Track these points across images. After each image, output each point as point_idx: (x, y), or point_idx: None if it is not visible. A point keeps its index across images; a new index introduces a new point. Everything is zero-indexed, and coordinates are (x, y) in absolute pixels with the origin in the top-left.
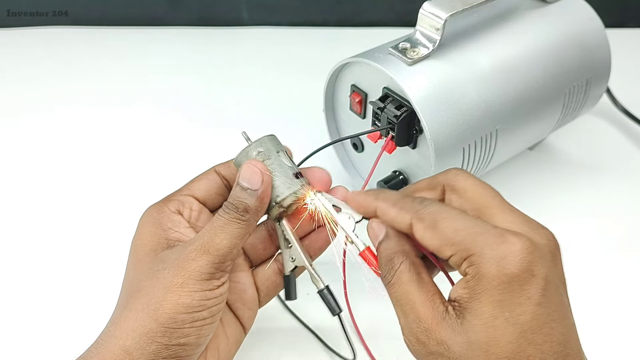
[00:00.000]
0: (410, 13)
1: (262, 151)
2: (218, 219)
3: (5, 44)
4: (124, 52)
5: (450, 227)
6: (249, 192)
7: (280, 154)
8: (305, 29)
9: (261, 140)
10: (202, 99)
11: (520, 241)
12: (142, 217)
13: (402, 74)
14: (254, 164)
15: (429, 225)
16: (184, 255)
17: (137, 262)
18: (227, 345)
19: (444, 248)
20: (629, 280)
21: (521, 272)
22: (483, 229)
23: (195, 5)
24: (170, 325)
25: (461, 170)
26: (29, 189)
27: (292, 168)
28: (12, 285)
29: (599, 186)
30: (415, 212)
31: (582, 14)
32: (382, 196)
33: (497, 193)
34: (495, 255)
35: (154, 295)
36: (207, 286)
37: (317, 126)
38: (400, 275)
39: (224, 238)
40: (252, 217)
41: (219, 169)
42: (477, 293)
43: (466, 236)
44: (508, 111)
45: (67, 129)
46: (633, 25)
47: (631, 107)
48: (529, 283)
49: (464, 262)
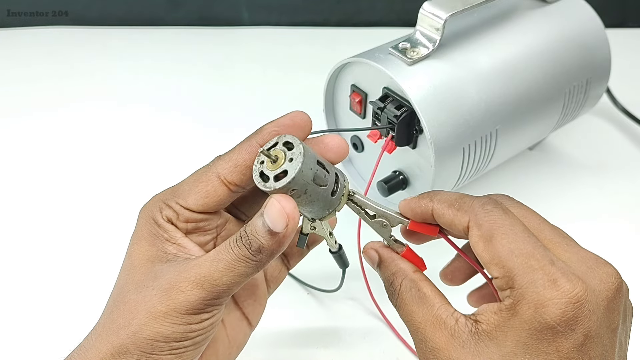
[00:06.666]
0: (410, 13)
1: (305, 179)
2: (225, 252)
3: (5, 44)
4: (124, 52)
5: (506, 246)
6: (270, 232)
7: (319, 170)
8: (305, 29)
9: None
10: (202, 99)
11: (571, 290)
12: (139, 217)
13: (402, 74)
14: (283, 204)
15: (485, 236)
16: (175, 282)
17: (131, 269)
18: (227, 348)
19: (493, 267)
20: (629, 280)
21: (558, 324)
22: (539, 262)
23: (195, 5)
24: (148, 350)
25: (505, 196)
26: (28, 189)
27: (329, 175)
28: (13, 285)
29: (599, 186)
30: (474, 214)
31: (582, 14)
32: (438, 197)
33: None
34: (537, 299)
35: (136, 314)
36: (192, 320)
37: (317, 126)
38: (403, 297)
39: (226, 275)
40: (265, 259)
41: (224, 173)
42: (506, 326)
43: (518, 264)
44: (508, 111)
45: (67, 129)
46: (633, 25)
47: (631, 107)
48: (564, 336)
49: (507, 290)
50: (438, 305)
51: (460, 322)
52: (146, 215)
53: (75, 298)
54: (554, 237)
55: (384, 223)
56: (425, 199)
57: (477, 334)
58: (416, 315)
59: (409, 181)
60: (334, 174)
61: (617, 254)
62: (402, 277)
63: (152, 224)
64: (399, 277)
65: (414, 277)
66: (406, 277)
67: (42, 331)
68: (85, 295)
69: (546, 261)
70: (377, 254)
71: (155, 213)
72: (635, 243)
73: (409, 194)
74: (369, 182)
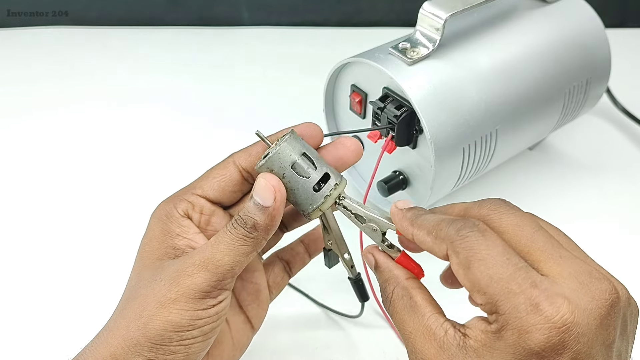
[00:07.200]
0: (410, 13)
1: (282, 162)
2: (224, 234)
3: (5, 44)
4: (124, 52)
5: (484, 273)
6: (260, 208)
7: (301, 160)
8: (305, 29)
9: (282, 147)
10: (202, 99)
11: (553, 315)
12: (152, 218)
13: (402, 74)
14: (268, 179)
15: (463, 264)
16: (181, 269)
17: (142, 268)
18: (232, 349)
19: (475, 294)
20: (629, 280)
21: (543, 350)
22: (520, 287)
23: (195, 5)
24: (158, 341)
25: (498, 202)
26: (28, 189)
27: (316, 171)
28: (16, 284)
29: (599, 186)
30: (450, 242)
31: (582, 14)
32: (418, 222)
33: (542, 232)
34: (520, 326)
35: (146, 306)
36: (199, 305)
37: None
38: (394, 305)
39: (227, 255)
40: (261, 235)
41: (239, 159)
42: (492, 347)
43: (498, 290)
44: (508, 111)
45: (67, 129)
46: (633, 25)
47: (631, 107)
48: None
49: (492, 315)
50: (428, 315)
51: (449, 335)
52: (159, 214)
53: (75, 298)
54: (547, 248)
55: (373, 227)
56: (407, 222)
57: (465, 349)
58: (407, 324)
59: (409, 181)
60: (324, 172)
61: (617, 254)
62: (395, 285)
63: (164, 222)
64: (392, 285)
65: (406, 284)
66: (398, 284)
67: (49, 332)
68: (85, 295)
69: (527, 284)
70: (374, 258)
71: (170, 210)
72: (635, 243)
73: (409, 194)
74: (370, 182)
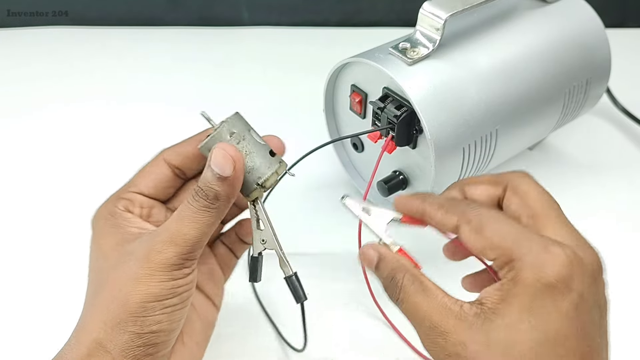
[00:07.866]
0: (410, 13)
1: (235, 132)
2: (186, 208)
3: (5, 44)
4: (124, 52)
5: (496, 231)
6: (220, 178)
7: (252, 132)
8: (305, 29)
9: (230, 120)
10: (202, 99)
11: (563, 253)
12: (93, 219)
13: (402, 74)
14: (225, 148)
15: (475, 228)
16: (150, 246)
17: (102, 257)
18: (202, 327)
19: (488, 251)
20: (629, 280)
21: (557, 282)
22: (529, 237)
23: (195, 5)
24: (141, 313)
25: (527, 174)
26: (28, 189)
27: (265, 146)
28: (15, 284)
29: (599, 186)
30: (462, 213)
31: (582, 14)
32: (429, 200)
33: (557, 205)
34: (535, 262)
35: (122, 286)
36: (176, 275)
37: (317, 126)
38: (406, 290)
39: (193, 228)
40: (223, 205)
41: (169, 157)
42: (509, 296)
43: (511, 241)
44: (508, 111)
45: (67, 128)
46: (633, 25)
47: (631, 107)
48: (563, 295)
49: (506, 267)
50: (442, 295)
51: (465, 307)
52: (103, 214)
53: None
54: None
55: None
56: (418, 200)
57: (483, 314)
58: (421, 305)
59: (409, 181)
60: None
61: (617, 254)
62: (404, 272)
63: (109, 219)
64: (401, 272)
65: (414, 272)
66: (408, 271)
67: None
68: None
69: (535, 235)
70: (377, 253)
71: (112, 208)
72: (635, 243)
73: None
74: (370, 182)
